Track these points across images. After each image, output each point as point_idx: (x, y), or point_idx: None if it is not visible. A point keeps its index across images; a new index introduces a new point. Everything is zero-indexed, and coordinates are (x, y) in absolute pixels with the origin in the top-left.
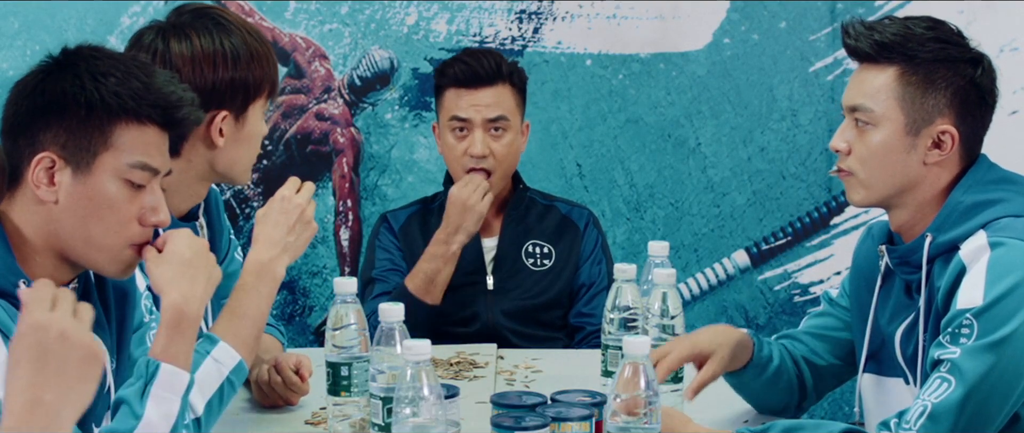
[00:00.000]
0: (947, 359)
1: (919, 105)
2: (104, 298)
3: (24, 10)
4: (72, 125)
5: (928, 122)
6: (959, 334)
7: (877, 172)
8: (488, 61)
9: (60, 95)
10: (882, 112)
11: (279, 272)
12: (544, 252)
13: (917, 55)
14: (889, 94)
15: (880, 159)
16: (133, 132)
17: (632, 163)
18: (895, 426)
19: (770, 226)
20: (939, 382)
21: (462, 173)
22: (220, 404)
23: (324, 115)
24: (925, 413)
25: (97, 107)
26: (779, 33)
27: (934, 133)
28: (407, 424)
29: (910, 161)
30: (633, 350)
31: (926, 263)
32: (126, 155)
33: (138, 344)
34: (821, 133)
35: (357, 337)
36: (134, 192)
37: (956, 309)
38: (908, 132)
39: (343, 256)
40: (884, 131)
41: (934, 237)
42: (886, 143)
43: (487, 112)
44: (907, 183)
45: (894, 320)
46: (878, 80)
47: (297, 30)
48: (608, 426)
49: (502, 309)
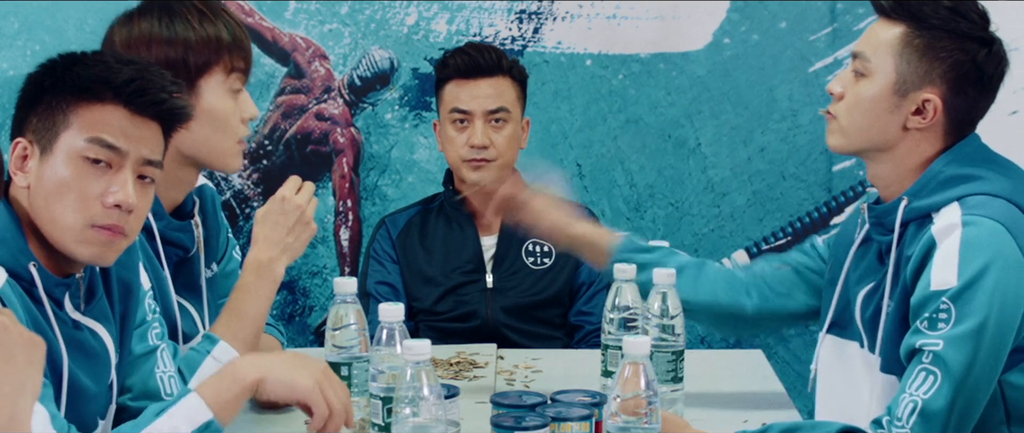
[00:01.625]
0: (929, 350)
1: (913, 68)
2: (109, 291)
3: (24, 10)
4: (41, 111)
5: (916, 87)
6: (937, 320)
7: (858, 122)
8: (489, 53)
9: (34, 83)
10: (877, 65)
11: (278, 272)
12: (544, 250)
13: (927, 19)
14: (889, 50)
15: (863, 110)
16: (93, 111)
17: (632, 163)
18: (887, 424)
19: (770, 226)
20: (924, 375)
21: (462, 166)
22: None
23: (324, 115)
24: (916, 411)
25: (62, 90)
26: (779, 33)
27: (919, 99)
28: (407, 424)
29: (891, 121)
30: (633, 350)
31: (899, 226)
32: (84, 131)
33: (139, 341)
34: (821, 133)
35: (357, 337)
36: (96, 171)
37: (930, 291)
38: (895, 91)
39: (343, 256)
40: (874, 84)
41: (909, 201)
42: (872, 96)
43: (487, 103)
44: (883, 142)
45: (861, 282)
46: (885, 34)
47: (297, 30)
48: (608, 426)
49: (502, 307)
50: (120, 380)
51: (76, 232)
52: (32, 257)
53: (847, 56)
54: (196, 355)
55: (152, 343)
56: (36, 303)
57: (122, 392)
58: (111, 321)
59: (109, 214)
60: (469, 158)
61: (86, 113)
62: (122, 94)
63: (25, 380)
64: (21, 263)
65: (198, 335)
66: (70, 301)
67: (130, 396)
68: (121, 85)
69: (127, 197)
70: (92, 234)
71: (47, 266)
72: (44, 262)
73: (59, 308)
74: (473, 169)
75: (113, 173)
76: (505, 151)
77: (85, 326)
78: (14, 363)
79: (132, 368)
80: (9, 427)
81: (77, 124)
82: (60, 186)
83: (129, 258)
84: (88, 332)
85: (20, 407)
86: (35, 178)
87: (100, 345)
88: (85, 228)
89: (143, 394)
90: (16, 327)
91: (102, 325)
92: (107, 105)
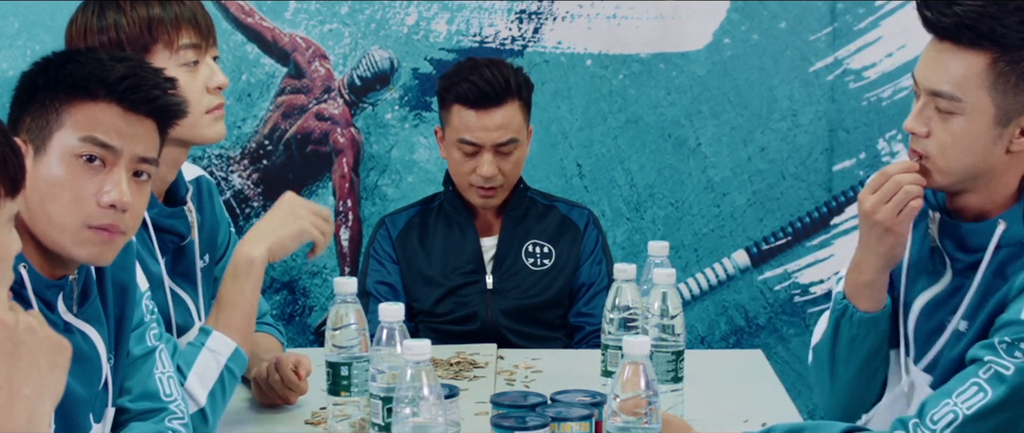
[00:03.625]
0: (995, 367)
1: (1011, 96)
2: (103, 293)
3: (24, 10)
4: (34, 110)
5: (1019, 113)
6: (1017, 347)
7: (958, 159)
8: (496, 78)
9: (28, 83)
10: (970, 102)
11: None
12: (544, 252)
13: (1010, 41)
14: (979, 83)
15: (964, 147)
16: (85, 110)
17: (632, 163)
18: (915, 427)
19: (770, 226)
20: (976, 388)
21: (469, 190)
22: (223, 394)
23: (324, 115)
24: (955, 423)
25: (55, 88)
26: (779, 33)
27: (1023, 123)
28: (407, 424)
29: (995, 150)
30: (633, 350)
31: (993, 251)
32: (77, 131)
33: (137, 342)
34: (821, 133)
35: (357, 337)
36: (90, 170)
37: (1021, 318)
38: (998, 123)
39: (343, 256)
40: (972, 121)
41: (1008, 225)
42: (972, 132)
43: (497, 136)
44: (986, 169)
45: (915, 284)
46: (965, 66)
47: (297, 30)
48: (608, 426)
49: (501, 308)
50: (119, 381)
51: (73, 232)
52: (21, 258)
53: (847, 56)
54: (192, 349)
55: (150, 344)
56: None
57: (122, 393)
58: (104, 323)
59: (105, 214)
60: (478, 185)
61: (79, 112)
62: (115, 92)
63: (47, 383)
64: None
65: (194, 327)
66: (63, 303)
67: (129, 397)
68: (114, 83)
69: (121, 196)
70: (89, 234)
71: (40, 268)
72: (36, 264)
73: (50, 310)
74: (481, 196)
75: (107, 172)
76: (511, 175)
77: (76, 329)
78: (37, 366)
79: (131, 369)
80: (26, 429)
81: (70, 123)
82: (54, 185)
83: (125, 259)
84: (79, 335)
85: (40, 410)
86: (29, 178)
87: (91, 348)
88: (82, 228)
89: (142, 395)
90: (43, 329)
91: (94, 327)
92: (100, 103)
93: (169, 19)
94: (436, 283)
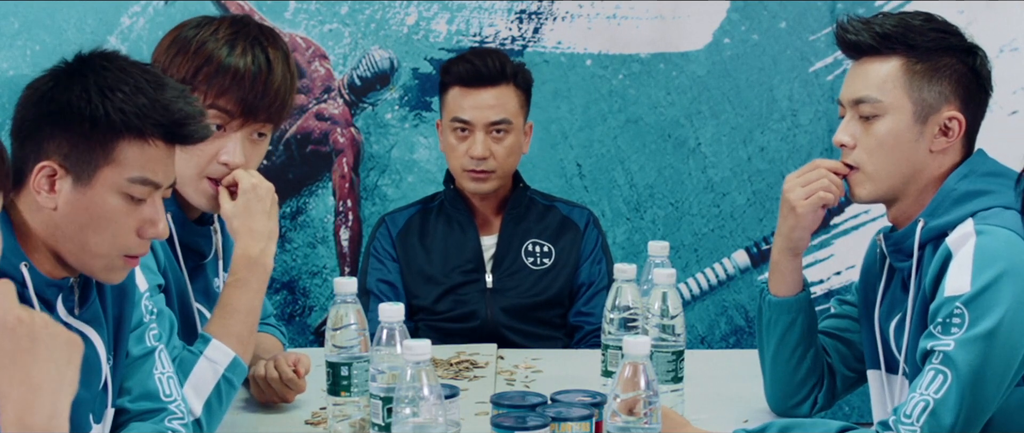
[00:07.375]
0: (940, 350)
1: (925, 93)
2: (102, 295)
3: (24, 10)
4: (75, 137)
5: (935, 109)
6: (950, 324)
7: (885, 162)
8: (493, 61)
9: (66, 106)
10: (890, 101)
11: (270, 263)
12: (544, 251)
13: (919, 44)
14: (895, 83)
15: (889, 149)
16: (136, 148)
17: (632, 163)
18: (895, 424)
19: (770, 226)
20: (933, 374)
21: (462, 175)
22: (220, 404)
23: (324, 115)
24: (927, 409)
25: (101, 122)
26: (779, 33)
27: (942, 120)
28: (407, 424)
29: (918, 149)
30: (633, 350)
31: (917, 249)
32: (128, 170)
33: (136, 343)
34: (821, 133)
35: (357, 337)
36: (133, 205)
37: (944, 297)
38: (916, 120)
39: (343, 256)
40: (892, 120)
41: (926, 222)
42: (895, 132)
43: (489, 114)
44: (912, 171)
45: (890, 316)
46: (882, 71)
47: (297, 30)
48: (608, 426)
49: (501, 307)
50: (119, 381)
51: (107, 260)
52: (24, 257)
53: None
54: (190, 357)
55: (150, 345)
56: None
57: (121, 393)
58: (103, 324)
59: (142, 245)
60: (469, 168)
61: (129, 150)
62: (168, 133)
63: (64, 378)
64: (12, 263)
65: None
66: (63, 304)
67: (129, 398)
68: (170, 126)
69: (165, 230)
70: (121, 262)
71: (41, 268)
72: (39, 264)
73: (50, 311)
74: (472, 180)
75: (145, 203)
76: (505, 161)
77: (76, 330)
78: (55, 359)
79: (131, 370)
80: (49, 424)
81: (121, 160)
82: (99, 219)
83: None
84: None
85: (60, 405)
86: (65, 203)
87: (91, 350)
88: (117, 257)
89: (142, 395)
90: (57, 325)
91: (94, 329)
92: (150, 142)
93: (247, 87)
94: (436, 281)
